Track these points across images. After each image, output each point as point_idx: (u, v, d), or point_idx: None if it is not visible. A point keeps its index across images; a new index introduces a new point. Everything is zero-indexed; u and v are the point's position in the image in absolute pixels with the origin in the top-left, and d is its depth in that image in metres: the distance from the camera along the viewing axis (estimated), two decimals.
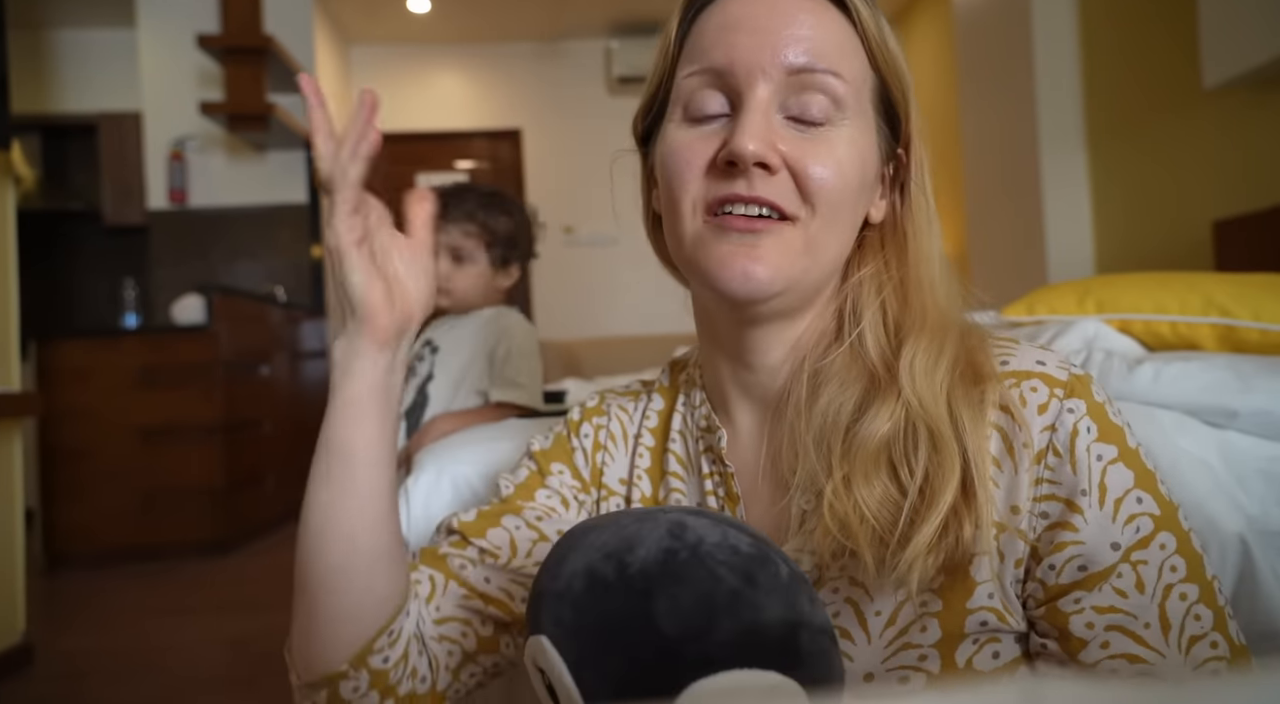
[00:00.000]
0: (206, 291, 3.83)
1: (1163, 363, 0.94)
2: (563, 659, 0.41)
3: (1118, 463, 0.54)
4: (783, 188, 0.57)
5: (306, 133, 0.56)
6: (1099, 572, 0.52)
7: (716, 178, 0.58)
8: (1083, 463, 0.53)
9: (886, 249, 0.62)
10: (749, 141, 0.55)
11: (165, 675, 2.24)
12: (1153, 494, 0.54)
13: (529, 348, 1.55)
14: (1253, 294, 1.07)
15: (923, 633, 0.55)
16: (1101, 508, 0.53)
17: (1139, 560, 0.52)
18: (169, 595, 3.11)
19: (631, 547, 0.43)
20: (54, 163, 5.58)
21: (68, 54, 5.38)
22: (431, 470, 1.10)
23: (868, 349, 0.59)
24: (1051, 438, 0.54)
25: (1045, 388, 0.55)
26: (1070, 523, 0.53)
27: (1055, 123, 3.18)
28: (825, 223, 0.58)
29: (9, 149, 2.36)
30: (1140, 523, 0.53)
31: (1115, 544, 0.52)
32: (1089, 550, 0.53)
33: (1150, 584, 0.52)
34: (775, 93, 0.57)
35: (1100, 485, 0.53)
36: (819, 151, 0.57)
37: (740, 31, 0.57)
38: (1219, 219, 2.46)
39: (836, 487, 0.54)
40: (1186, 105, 2.67)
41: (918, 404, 0.54)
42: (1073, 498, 0.53)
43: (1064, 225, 3.18)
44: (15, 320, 2.38)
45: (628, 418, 0.73)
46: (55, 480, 3.60)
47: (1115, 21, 3.00)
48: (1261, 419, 0.86)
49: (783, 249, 0.57)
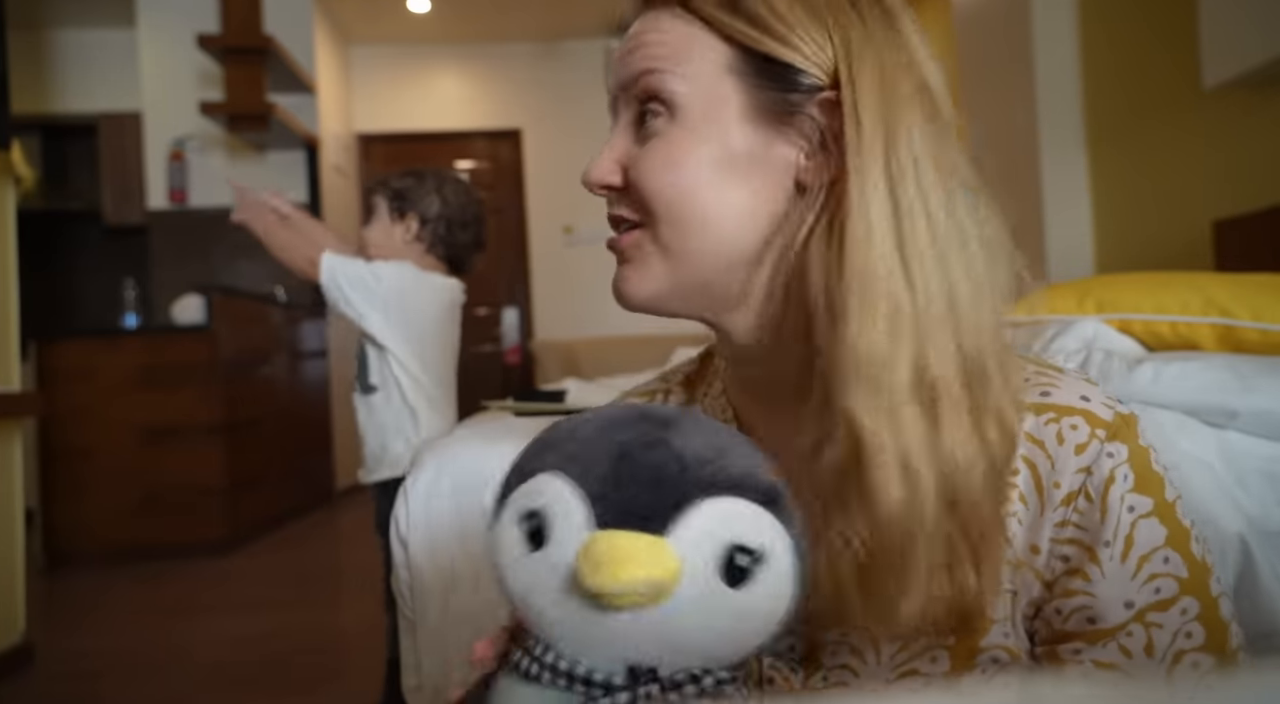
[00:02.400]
0: (206, 292, 3.83)
1: (1162, 363, 0.94)
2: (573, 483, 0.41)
3: (1151, 517, 0.51)
4: (627, 202, 0.58)
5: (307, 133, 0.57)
6: (1107, 628, 0.50)
7: None
8: (1113, 512, 0.51)
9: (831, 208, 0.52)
10: (588, 172, 0.58)
11: (166, 675, 2.24)
12: (1182, 554, 0.51)
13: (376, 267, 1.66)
14: (1253, 294, 1.07)
15: (932, 663, 0.54)
16: (1123, 562, 0.50)
17: (1153, 622, 0.50)
18: (169, 595, 3.11)
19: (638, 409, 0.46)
20: (54, 163, 5.58)
21: (68, 54, 5.38)
22: (431, 470, 1.10)
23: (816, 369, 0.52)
24: (1086, 481, 0.51)
25: (1086, 427, 0.52)
26: (1085, 572, 0.51)
27: (1055, 123, 3.18)
28: (672, 227, 0.55)
29: (9, 149, 2.36)
30: (1163, 584, 0.50)
31: (1129, 602, 0.50)
32: (1099, 604, 0.51)
33: (1161, 649, 0.50)
34: (625, 114, 0.59)
35: (1127, 539, 0.51)
36: (648, 159, 0.56)
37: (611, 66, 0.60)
38: (1218, 219, 2.46)
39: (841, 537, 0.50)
40: (1186, 105, 2.67)
41: None
42: (1094, 546, 0.51)
43: (1064, 225, 3.18)
44: (15, 320, 2.38)
45: None
46: (55, 480, 3.60)
47: (1115, 22, 3.00)
48: (1261, 419, 0.86)
49: (639, 258, 0.57)
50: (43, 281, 5.14)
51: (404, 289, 1.66)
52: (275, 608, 2.83)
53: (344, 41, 5.64)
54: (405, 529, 1.08)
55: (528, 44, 5.84)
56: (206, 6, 4.53)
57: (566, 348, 4.96)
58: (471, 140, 5.96)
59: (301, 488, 4.31)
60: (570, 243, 5.84)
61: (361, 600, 2.67)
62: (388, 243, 1.71)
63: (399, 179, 1.72)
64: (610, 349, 4.81)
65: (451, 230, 1.72)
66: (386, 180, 1.74)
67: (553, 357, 4.89)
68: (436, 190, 1.71)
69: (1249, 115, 2.44)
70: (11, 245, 2.37)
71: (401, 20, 5.42)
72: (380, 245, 1.72)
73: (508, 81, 5.87)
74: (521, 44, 5.84)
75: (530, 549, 0.41)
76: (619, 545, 0.38)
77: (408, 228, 1.71)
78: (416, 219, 1.71)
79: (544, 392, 1.68)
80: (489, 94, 5.88)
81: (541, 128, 5.88)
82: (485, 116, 5.89)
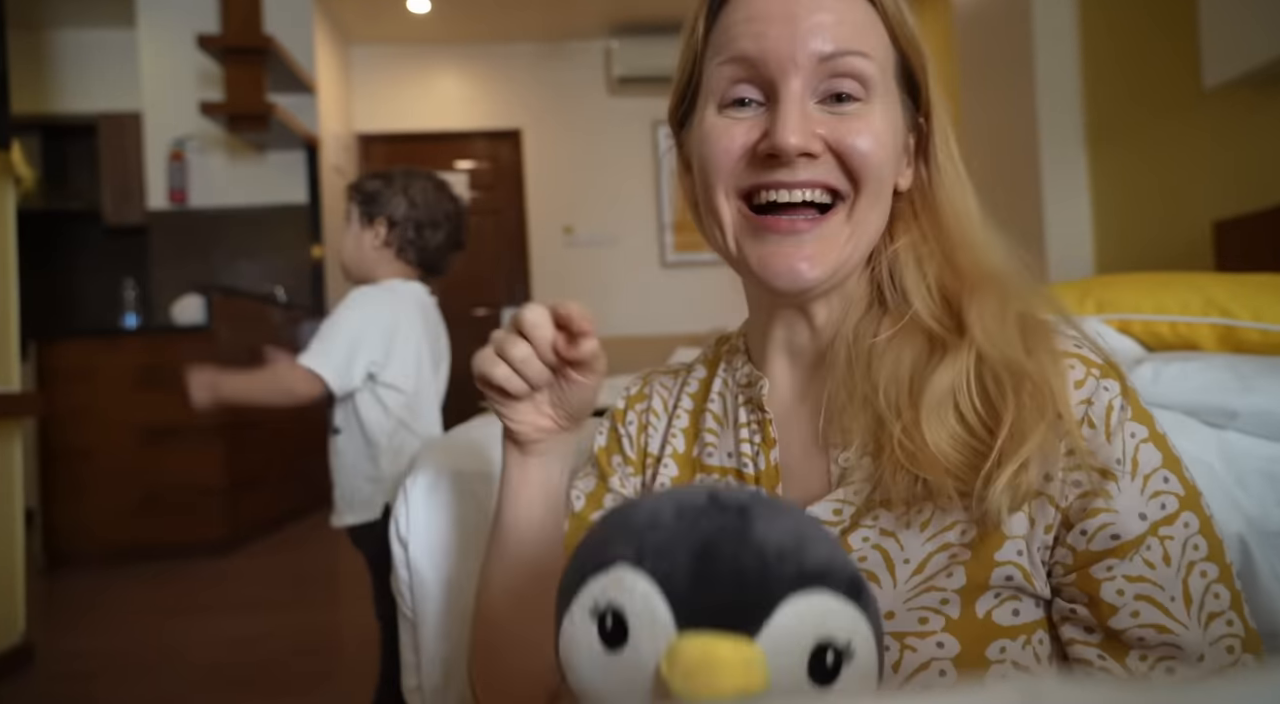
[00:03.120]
0: (206, 291, 3.83)
1: (1162, 363, 0.94)
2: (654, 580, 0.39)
3: (1148, 442, 0.56)
4: (828, 168, 0.59)
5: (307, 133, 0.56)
6: (1130, 541, 0.54)
7: (754, 166, 0.60)
8: (1117, 436, 0.55)
9: (920, 218, 0.64)
10: (790, 135, 0.57)
11: (166, 675, 2.24)
12: (1178, 475, 0.56)
13: (348, 315, 1.59)
14: (1253, 294, 1.06)
15: (949, 578, 0.56)
16: (1133, 479, 0.55)
17: (1165, 535, 0.54)
18: (169, 596, 3.11)
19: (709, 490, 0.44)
20: (54, 163, 5.59)
21: (68, 54, 5.39)
22: (431, 470, 1.10)
23: (920, 316, 0.61)
24: (1088, 410, 0.56)
25: (1082, 366, 0.58)
26: (1105, 490, 0.54)
27: (1055, 123, 3.18)
28: (870, 198, 0.60)
29: (9, 149, 2.36)
30: (1165, 500, 0.55)
31: (1143, 515, 0.54)
32: (1121, 519, 0.54)
33: (1175, 558, 0.54)
34: (807, 81, 0.58)
35: (1133, 460, 0.55)
36: (858, 127, 0.59)
37: (768, 22, 0.58)
38: (1219, 219, 2.46)
39: (906, 427, 0.56)
40: (1186, 106, 2.67)
41: (994, 351, 0.56)
42: (1108, 467, 0.55)
43: (1064, 225, 3.18)
44: (15, 320, 2.38)
45: (668, 393, 0.76)
46: (55, 480, 3.60)
47: (1115, 22, 3.00)
48: (1261, 419, 0.86)
49: (828, 242, 0.60)
50: (43, 281, 5.14)
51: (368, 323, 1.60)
52: (273, 609, 2.83)
53: (344, 41, 5.64)
54: (405, 529, 1.08)
55: (528, 44, 5.84)
56: (206, 6, 4.53)
57: None
58: (471, 140, 5.96)
59: (301, 489, 4.31)
60: (570, 243, 5.83)
61: (359, 603, 2.66)
62: (359, 250, 1.66)
63: (369, 181, 1.67)
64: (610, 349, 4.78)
65: (421, 233, 1.66)
66: (358, 183, 1.68)
67: None
68: (403, 191, 1.65)
69: (1249, 115, 2.44)
70: (11, 245, 2.37)
71: (401, 20, 5.42)
72: (352, 253, 1.67)
73: (508, 81, 5.87)
74: (522, 44, 5.84)
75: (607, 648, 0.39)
76: (709, 653, 0.36)
77: (376, 233, 1.65)
78: (384, 223, 1.65)
79: None
80: (489, 94, 5.88)
81: (541, 128, 5.88)
82: (485, 116, 5.89)
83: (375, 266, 1.67)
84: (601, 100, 5.84)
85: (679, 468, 0.71)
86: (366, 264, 1.67)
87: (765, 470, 0.65)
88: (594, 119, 5.79)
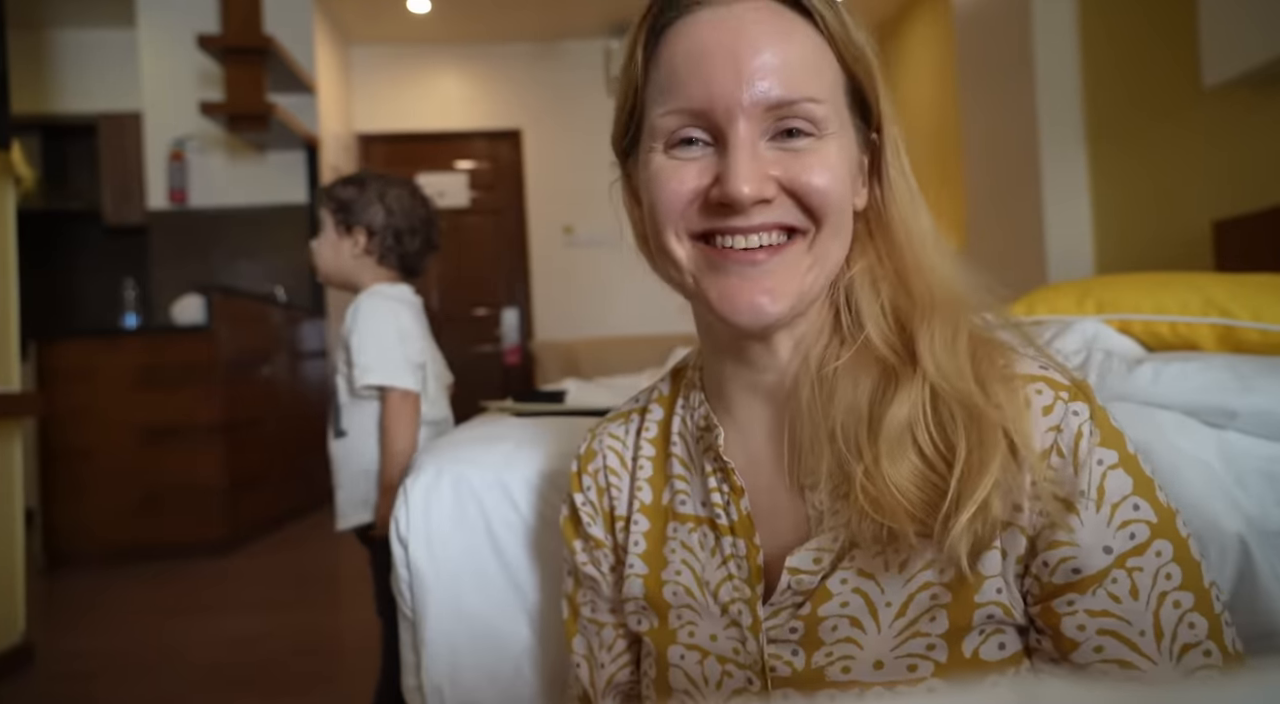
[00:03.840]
0: (206, 292, 3.83)
1: (1162, 363, 0.94)
2: None
3: (1118, 468, 0.55)
4: (785, 209, 0.57)
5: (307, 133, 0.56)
6: (1092, 575, 0.53)
7: (707, 212, 0.58)
8: (1085, 465, 0.54)
9: (875, 238, 0.62)
10: (743, 184, 0.54)
11: (166, 675, 2.24)
12: (1150, 501, 0.54)
13: (376, 326, 1.59)
14: (1252, 294, 1.07)
15: (931, 622, 0.56)
16: (1098, 512, 0.54)
17: (1134, 567, 0.53)
18: (169, 596, 3.11)
19: None
20: (54, 163, 5.58)
21: (68, 54, 5.38)
22: (431, 470, 1.10)
23: (873, 341, 0.59)
24: (1056, 438, 0.55)
25: (1050, 391, 0.56)
26: (1067, 523, 0.54)
27: (1055, 123, 3.18)
28: (831, 231, 0.58)
29: (9, 149, 2.36)
30: (1136, 529, 0.53)
31: (1108, 548, 0.53)
32: (1082, 553, 0.53)
33: (1144, 591, 0.53)
34: (757, 124, 0.56)
35: (1099, 489, 0.54)
36: (812, 163, 0.57)
37: (712, 64, 0.56)
38: (1218, 219, 2.46)
39: (867, 468, 0.55)
40: (1186, 105, 2.67)
41: (945, 384, 0.55)
42: (1071, 499, 0.54)
43: (1064, 225, 3.18)
44: (15, 320, 2.38)
45: (621, 445, 0.74)
46: (55, 480, 3.60)
47: (1115, 22, 3.00)
48: (1261, 419, 0.86)
49: (789, 271, 0.58)
50: (43, 281, 5.14)
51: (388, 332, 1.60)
52: (273, 609, 2.84)
53: (344, 41, 5.64)
54: (405, 529, 1.08)
55: (528, 44, 5.84)
56: (206, 6, 4.53)
57: (566, 348, 4.96)
58: (471, 140, 5.96)
59: (301, 488, 4.31)
60: (570, 243, 5.83)
61: (359, 603, 2.67)
62: (336, 258, 1.66)
63: (342, 188, 1.66)
64: (610, 349, 4.82)
65: (400, 239, 1.66)
66: (331, 190, 1.67)
67: (552, 357, 4.89)
68: (380, 199, 1.64)
69: (1249, 115, 2.44)
70: (11, 245, 2.37)
71: (401, 20, 5.42)
72: (330, 260, 1.66)
73: (508, 81, 5.87)
74: (521, 44, 5.84)
75: None
76: None
77: (355, 242, 1.64)
78: (363, 232, 1.64)
79: (544, 392, 1.68)
80: (489, 94, 5.89)
81: (541, 128, 5.88)
82: (485, 116, 5.89)
83: (357, 274, 1.67)
84: (601, 100, 5.84)
85: (649, 521, 0.69)
86: (346, 272, 1.67)
87: (739, 521, 0.63)
88: (594, 119, 5.79)
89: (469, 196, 5.94)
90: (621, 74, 0.63)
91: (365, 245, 1.65)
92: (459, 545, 1.06)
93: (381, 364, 1.56)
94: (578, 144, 5.80)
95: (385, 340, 1.58)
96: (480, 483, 1.08)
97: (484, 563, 1.05)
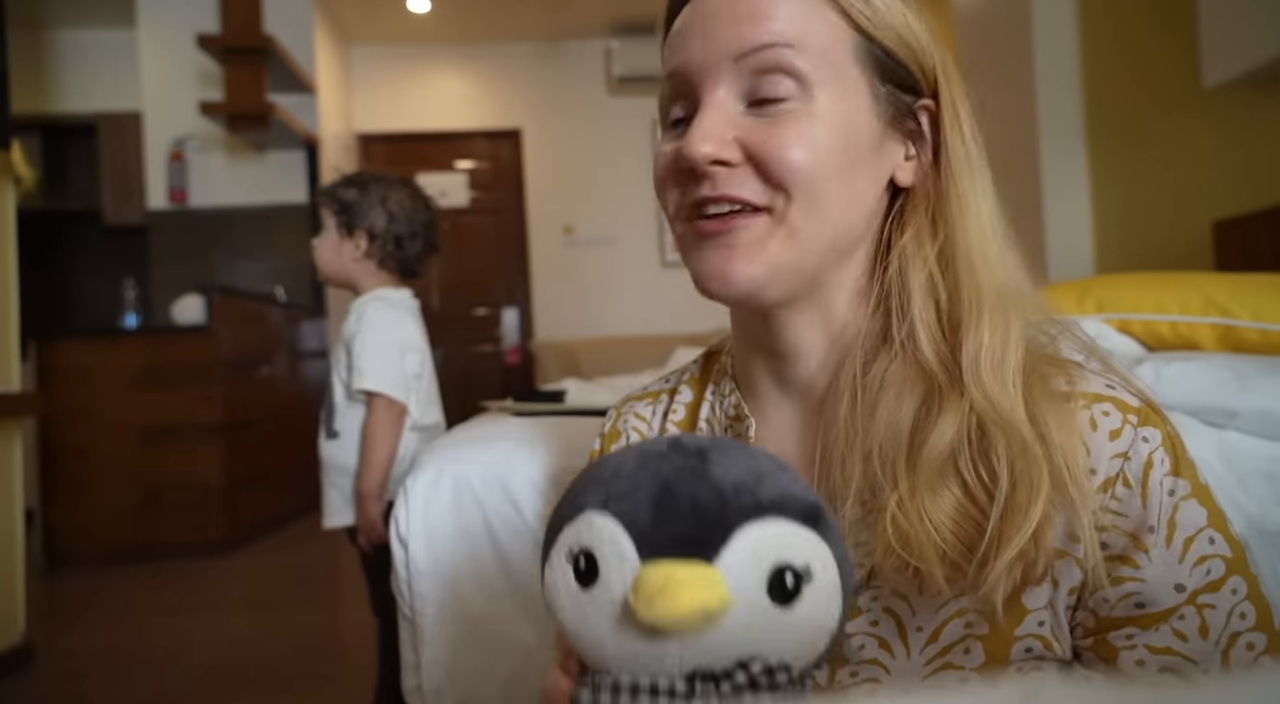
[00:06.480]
0: (206, 292, 3.83)
1: (1162, 363, 0.94)
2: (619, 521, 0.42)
3: (1190, 499, 0.51)
4: (744, 179, 0.54)
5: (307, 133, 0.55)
6: (1158, 611, 0.50)
7: (686, 184, 0.56)
8: (1154, 497, 0.50)
9: (935, 223, 0.57)
10: (698, 145, 0.52)
11: (165, 675, 2.24)
12: (1224, 535, 0.51)
13: (380, 334, 1.61)
14: (1253, 294, 1.06)
15: (966, 655, 0.53)
16: (1169, 547, 0.50)
17: (1206, 604, 0.50)
18: (169, 595, 3.11)
19: None
20: (54, 163, 5.58)
21: (68, 54, 5.38)
22: (431, 470, 1.10)
23: (921, 348, 0.54)
24: (1123, 466, 0.51)
25: (1118, 413, 0.52)
26: (1133, 559, 0.50)
27: (1055, 123, 3.18)
28: (805, 207, 0.53)
29: (9, 149, 2.36)
30: (1212, 565, 0.50)
31: (1180, 586, 0.50)
32: (1149, 589, 0.50)
33: (1216, 630, 0.49)
34: (731, 86, 0.54)
35: (1170, 522, 0.50)
36: (784, 134, 0.53)
37: (693, 33, 0.55)
38: (1219, 219, 2.46)
39: (902, 498, 0.50)
40: (1186, 105, 2.67)
41: (989, 407, 0.50)
42: (1139, 533, 0.50)
43: (1064, 224, 3.18)
44: (15, 320, 2.38)
45: (646, 426, 0.70)
46: (55, 480, 3.60)
47: (1115, 21, 3.00)
48: (1261, 419, 0.86)
49: (758, 242, 0.54)
50: (43, 281, 5.14)
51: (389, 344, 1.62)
52: (273, 609, 2.83)
53: (344, 41, 5.64)
54: (405, 529, 1.08)
55: (528, 44, 5.84)
56: (206, 6, 4.53)
57: (566, 348, 4.96)
58: (471, 140, 5.95)
59: (301, 488, 4.30)
60: (570, 243, 5.83)
61: (359, 603, 2.66)
62: (338, 260, 1.67)
63: (344, 190, 1.67)
64: (610, 349, 4.81)
65: (401, 244, 1.68)
66: (333, 191, 1.68)
67: (553, 357, 4.89)
68: (381, 203, 1.65)
69: (1250, 114, 2.44)
70: (11, 245, 2.37)
71: (401, 20, 5.42)
72: (331, 262, 1.68)
73: (508, 81, 5.87)
74: (521, 44, 5.84)
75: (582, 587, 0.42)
76: (669, 576, 0.39)
77: (356, 245, 1.66)
78: (364, 236, 1.66)
79: (544, 392, 1.68)
80: (489, 94, 5.88)
81: (541, 128, 5.88)
82: (485, 116, 5.89)
83: (358, 277, 1.69)
84: (601, 100, 5.84)
85: None
86: (347, 273, 1.69)
87: None
88: (594, 119, 5.79)
89: (469, 196, 5.94)
90: None
91: (366, 249, 1.67)
92: (459, 545, 1.06)
93: (377, 372, 1.58)
94: (578, 144, 5.80)
95: (387, 350, 1.60)
96: (480, 483, 1.08)
97: (484, 563, 1.05)
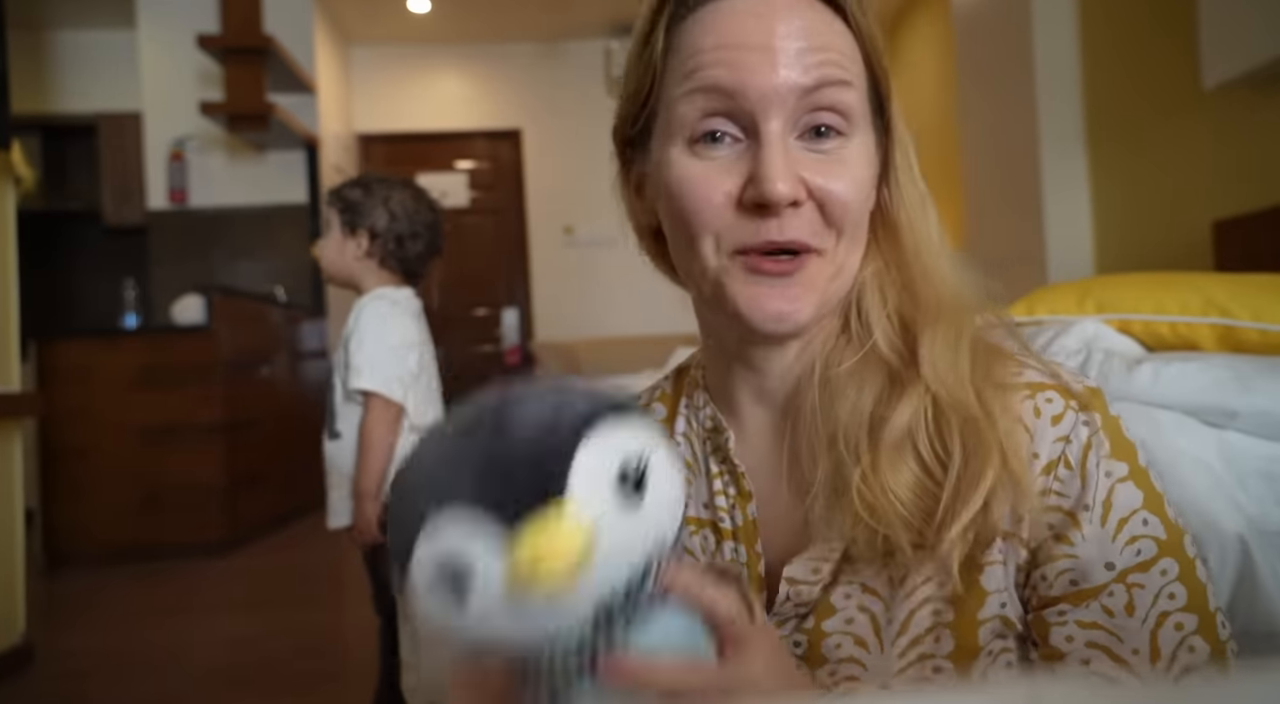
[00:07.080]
0: (206, 292, 3.83)
1: (1162, 363, 0.94)
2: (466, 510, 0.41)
3: (1127, 481, 0.54)
4: (808, 219, 0.55)
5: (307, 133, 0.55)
6: (1089, 588, 0.52)
7: (744, 216, 0.55)
8: (1092, 477, 0.53)
9: (883, 243, 0.61)
10: (779, 183, 0.52)
11: (165, 675, 2.24)
12: (1160, 517, 0.53)
13: (379, 333, 1.62)
14: (1253, 294, 1.06)
15: (937, 643, 0.55)
16: (1104, 526, 0.53)
17: (1135, 583, 0.52)
18: (169, 596, 3.11)
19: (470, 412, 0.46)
20: (54, 163, 5.58)
21: (68, 54, 5.39)
22: None
23: (880, 346, 0.58)
24: (1064, 449, 0.54)
25: (1060, 400, 0.55)
26: (1067, 536, 0.53)
27: (1055, 123, 3.18)
28: (848, 246, 0.57)
29: (9, 149, 2.36)
30: (1143, 546, 0.52)
31: (1110, 564, 0.52)
32: (1082, 565, 0.53)
33: (1143, 609, 0.52)
34: (789, 116, 0.54)
35: (1105, 503, 0.53)
36: (838, 172, 0.55)
37: (742, 49, 0.53)
38: (1218, 219, 2.46)
39: (865, 473, 0.54)
40: (1186, 105, 2.67)
41: (943, 390, 0.55)
42: (1075, 511, 0.53)
43: (1064, 225, 3.18)
44: (15, 320, 2.38)
45: None
46: (55, 480, 3.60)
47: (1115, 22, 3.00)
48: (1261, 419, 0.86)
49: (813, 283, 0.56)
50: (43, 281, 5.13)
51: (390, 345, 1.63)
52: (273, 609, 2.83)
53: (344, 41, 5.64)
54: None
55: (528, 44, 5.84)
56: (206, 6, 4.53)
57: (566, 348, 4.96)
58: (471, 140, 5.96)
59: (301, 488, 4.30)
60: (570, 243, 5.83)
61: (359, 602, 2.66)
62: (340, 259, 1.68)
63: (349, 189, 1.68)
64: (610, 349, 4.81)
65: (402, 243, 1.68)
66: (339, 191, 1.69)
67: (553, 357, 4.89)
68: (384, 203, 1.66)
69: (1249, 115, 2.44)
70: (11, 245, 2.37)
71: (401, 20, 5.42)
72: (334, 260, 1.69)
73: (508, 81, 5.87)
74: (521, 44, 5.84)
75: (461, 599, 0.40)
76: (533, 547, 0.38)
77: (359, 244, 1.67)
78: (366, 235, 1.67)
79: None
80: (489, 94, 5.89)
81: (541, 128, 5.88)
82: (485, 116, 5.89)
83: (360, 276, 1.69)
84: (601, 100, 5.84)
85: None
86: (349, 272, 1.70)
87: (743, 526, 0.62)
88: (594, 119, 5.76)
89: (469, 196, 5.94)
90: (635, 59, 0.60)
91: (367, 248, 1.67)
92: None
93: (373, 370, 1.59)
94: (578, 144, 5.80)
95: (385, 349, 1.61)
96: None
97: None
